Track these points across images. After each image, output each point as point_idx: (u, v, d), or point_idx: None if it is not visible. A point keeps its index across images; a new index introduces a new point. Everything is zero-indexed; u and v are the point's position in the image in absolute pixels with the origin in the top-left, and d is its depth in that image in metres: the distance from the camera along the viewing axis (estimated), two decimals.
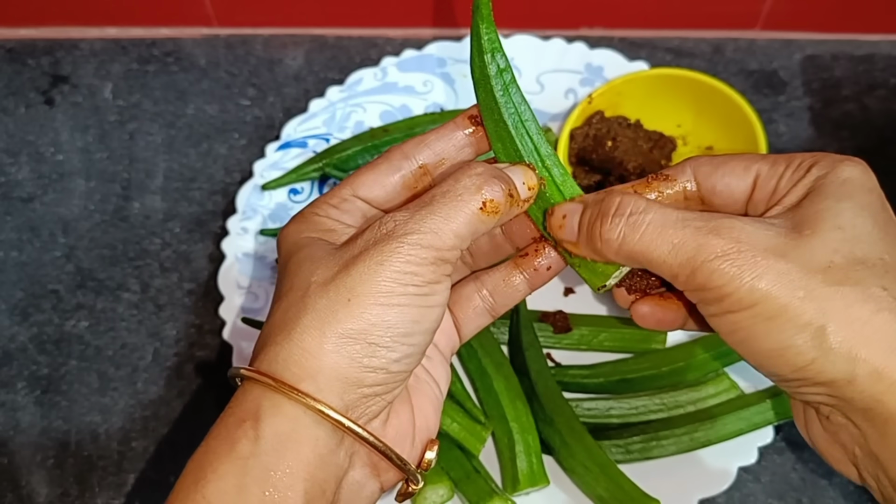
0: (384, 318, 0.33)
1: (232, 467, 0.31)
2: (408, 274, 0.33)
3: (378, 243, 0.33)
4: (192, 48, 0.66)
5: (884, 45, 0.65)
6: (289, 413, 0.32)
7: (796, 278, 0.32)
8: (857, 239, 0.32)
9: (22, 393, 0.54)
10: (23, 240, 0.59)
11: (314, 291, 0.33)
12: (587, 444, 0.47)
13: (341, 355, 0.32)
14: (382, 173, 0.37)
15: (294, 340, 0.32)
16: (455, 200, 0.34)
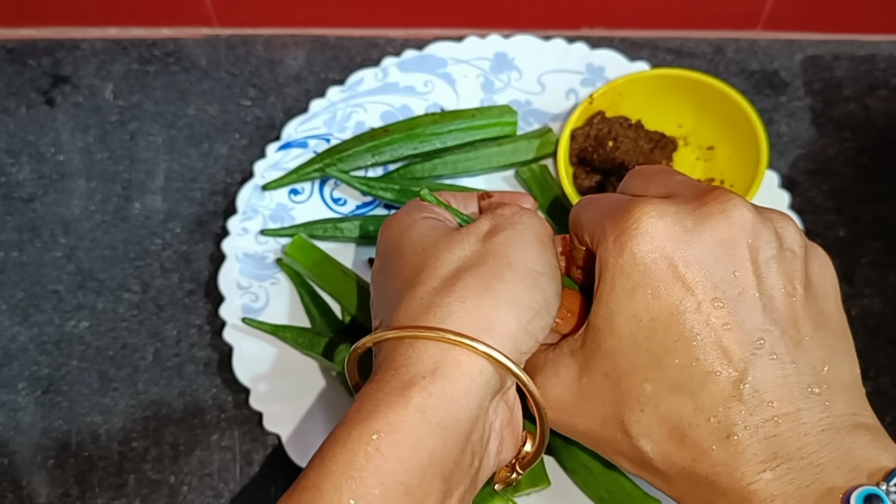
0: (537, 284, 0.35)
1: (409, 421, 0.31)
2: (544, 244, 0.36)
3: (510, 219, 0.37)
4: (192, 48, 0.66)
5: (885, 45, 0.65)
6: (466, 367, 0.32)
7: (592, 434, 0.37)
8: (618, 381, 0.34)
9: (22, 393, 0.54)
10: (23, 240, 0.59)
11: (471, 258, 0.35)
12: None
13: (510, 315, 0.33)
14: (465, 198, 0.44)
15: (466, 299, 0.33)
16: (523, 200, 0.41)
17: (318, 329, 0.53)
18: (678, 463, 0.32)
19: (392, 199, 0.56)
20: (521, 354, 0.34)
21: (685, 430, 0.32)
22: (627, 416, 0.33)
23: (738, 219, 0.32)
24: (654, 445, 0.33)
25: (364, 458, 0.30)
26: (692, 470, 0.32)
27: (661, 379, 0.32)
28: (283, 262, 0.55)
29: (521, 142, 0.58)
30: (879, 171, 0.60)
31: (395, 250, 0.38)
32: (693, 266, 0.32)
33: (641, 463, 0.34)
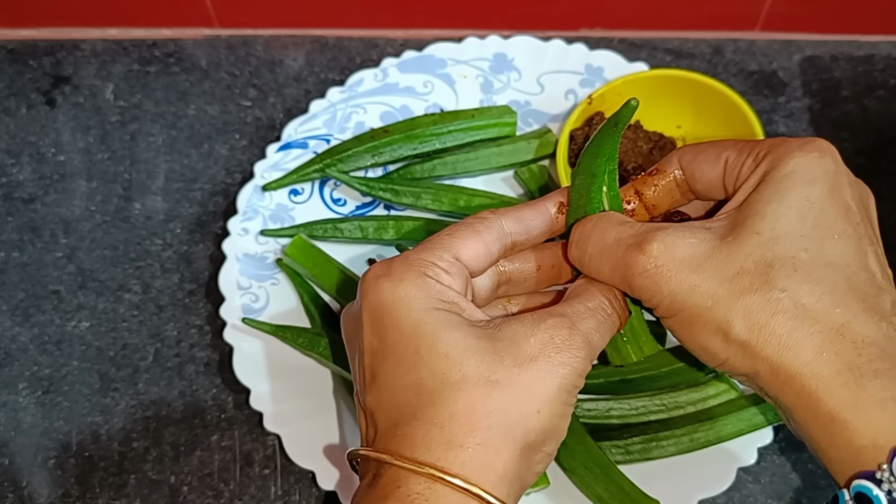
0: (559, 428, 0.35)
1: None
2: (576, 387, 0.35)
3: (560, 350, 0.34)
4: (193, 49, 0.66)
5: (883, 45, 0.65)
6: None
7: (706, 289, 0.35)
8: (773, 241, 0.35)
9: (23, 394, 0.54)
10: (24, 240, 0.59)
11: (499, 394, 0.33)
12: (587, 445, 0.47)
13: (523, 462, 0.33)
14: (486, 244, 0.39)
15: (491, 446, 0.32)
16: (606, 317, 0.37)
17: (318, 329, 0.53)
18: (821, 322, 0.33)
19: (392, 199, 0.56)
20: (522, 492, 0.35)
21: (838, 300, 0.34)
22: (776, 271, 0.34)
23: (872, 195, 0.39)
24: (798, 299, 0.34)
25: None
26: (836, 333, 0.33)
27: (819, 253, 0.35)
28: (283, 262, 0.55)
29: (520, 142, 0.58)
30: (878, 172, 0.60)
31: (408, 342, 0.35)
32: (852, 189, 0.37)
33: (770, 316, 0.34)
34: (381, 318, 0.36)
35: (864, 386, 0.32)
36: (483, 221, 0.39)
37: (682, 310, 0.35)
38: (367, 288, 0.37)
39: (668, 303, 0.36)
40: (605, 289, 0.38)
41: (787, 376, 0.34)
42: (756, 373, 0.35)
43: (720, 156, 0.39)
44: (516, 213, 0.40)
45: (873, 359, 0.33)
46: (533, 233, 0.40)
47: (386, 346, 0.35)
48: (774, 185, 0.36)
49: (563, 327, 0.35)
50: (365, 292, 0.37)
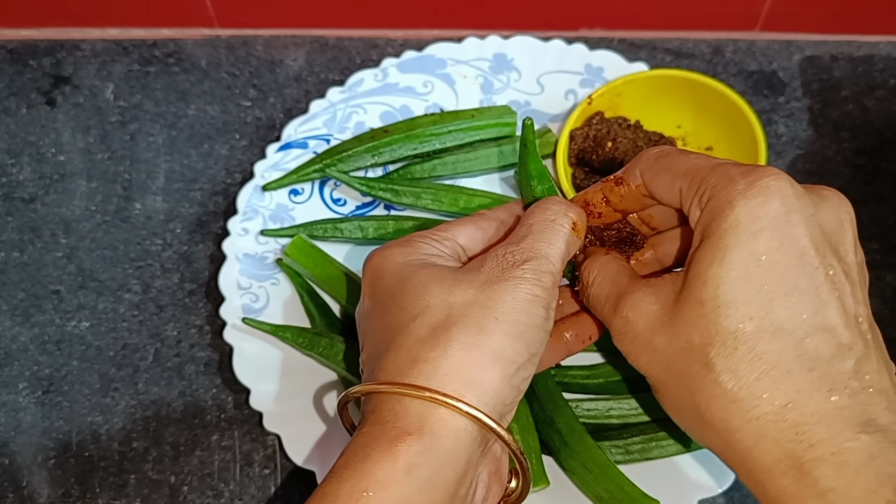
0: (526, 335, 0.35)
1: (397, 479, 0.32)
2: (537, 297, 0.36)
3: (506, 270, 0.36)
4: (193, 49, 0.66)
5: (883, 45, 0.65)
6: (451, 426, 0.33)
7: (660, 361, 0.36)
8: (715, 312, 0.34)
9: (23, 393, 0.54)
10: (24, 240, 0.59)
11: (460, 310, 0.35)
12: (587, 445, 0.47)
13: (494, 371, 0.34)
14: (483, 230, 0.42)
15: (451, 355, 0.34)
16: (551, 226, 0.39)
17: (318, 329, 0.53)
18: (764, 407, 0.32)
19: (392, 199, 0.56)
20: (505, 406, 0.35)
21: (781, 376, 0.32)
22: (715, 350, 0.33)
23: (846, 204, 0.36)
24: (736, 382, 0.33)
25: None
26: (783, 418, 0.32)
27: (766, 320, 0.33)
28: (283, 262, 0.55)
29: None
30: (877, 172, 0.60)
31: (387, 291, 0.38)
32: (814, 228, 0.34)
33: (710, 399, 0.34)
34: (372, 280, 0.39)
35: (802, 477, 0.31)
36: (483, 214, 0.43)
37: (647, 375, 0.38)
38: (365, 262, 0.41)
39: (636, 365, 0.38)
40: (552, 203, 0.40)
41: (734, 462, 0.34)
42: (717, 451, 0.35)
43: (674, 184, 0.37)
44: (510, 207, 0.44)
45: (815, 443, 0.31)
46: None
47: (374, 304, 0.39)
48: (715, 242, 0.34)
49: (510, 251, 0.37)
50: (364, 266, 0.41)
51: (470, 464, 0.34)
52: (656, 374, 0.36)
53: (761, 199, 0.33)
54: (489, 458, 0.37)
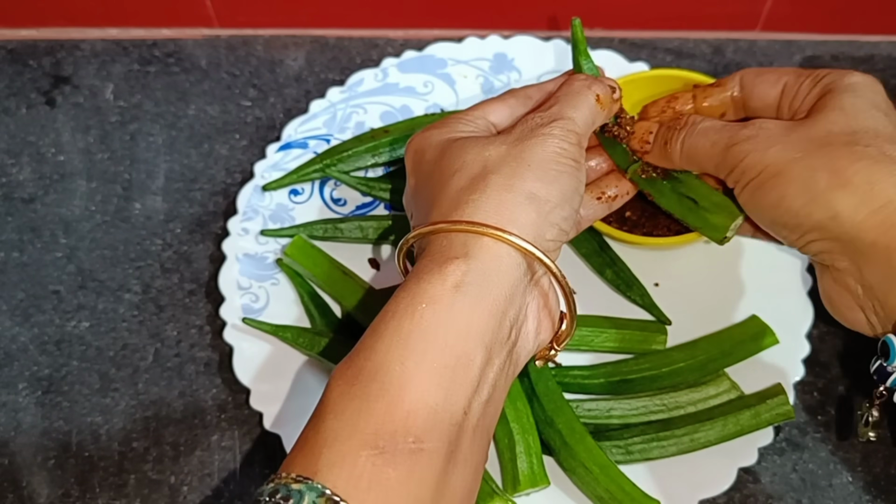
0: (558, 180, 0.39)
1: (447, 295, 0.36)
2: (564, 150, 0.40)
3: (535, 129, 0.41)
4: (193, 49, 0.66)
5: (884, 45, 0.65)
6: (494, 251, 0.37)
7: (797, 146, 0.41)
8: (854, 116, 0.41)
9: (23, 394, 0.54)
10: (24, 240, 0.59)
11: (495, 161, 0.39)
12: (587, 445, 0.47)
13: (530, 208, 0.38)
14: (511, 106, 0.45)
15: (490, 196, 0.38)
16: (576, 96, 0.44)
17: (318, 329, 0.53)
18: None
19: (392, 199, 0.56)
20: (547, 241, 0.39)
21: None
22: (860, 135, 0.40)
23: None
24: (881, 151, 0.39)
25: (410, 324, 0.35)
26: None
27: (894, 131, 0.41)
28: (283, 262, 0.55)
29: None
30: None
31: (429, 164, 0.42)
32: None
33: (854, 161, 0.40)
34: (414, 160, 0.44)
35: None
36: (512, 92, 0.46)
37: (771, 164, 0.41)
38: (407, 147, 0.45)
39: (759, 160, 0.42)
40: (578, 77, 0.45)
41: (870, 211, 0.38)
42: (834, 215, 0.39)
43: (779, 79, 0.46)
44: (540, 86, 0.47)
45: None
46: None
47: (419, 178, 0.43)
48: (843, 87, 0.42)
49: (534, 115, 0.42)
50: (406, 151, 0.45)
51: (516, 289, 0.37)
52: (790, 156, 0.41)
53: (872, 79, 0.44)
54: (537, 291, 0.40)
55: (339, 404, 0.34)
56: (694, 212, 0.48)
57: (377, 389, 0.33)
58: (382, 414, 0.33)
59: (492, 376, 0.36)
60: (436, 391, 0.34)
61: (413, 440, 0.33)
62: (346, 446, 0.32)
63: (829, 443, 0.51)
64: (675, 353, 0.51)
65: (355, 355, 0.35)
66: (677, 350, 0.51)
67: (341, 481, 0.32)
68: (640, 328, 0.52)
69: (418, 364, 0.34)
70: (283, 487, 0.32)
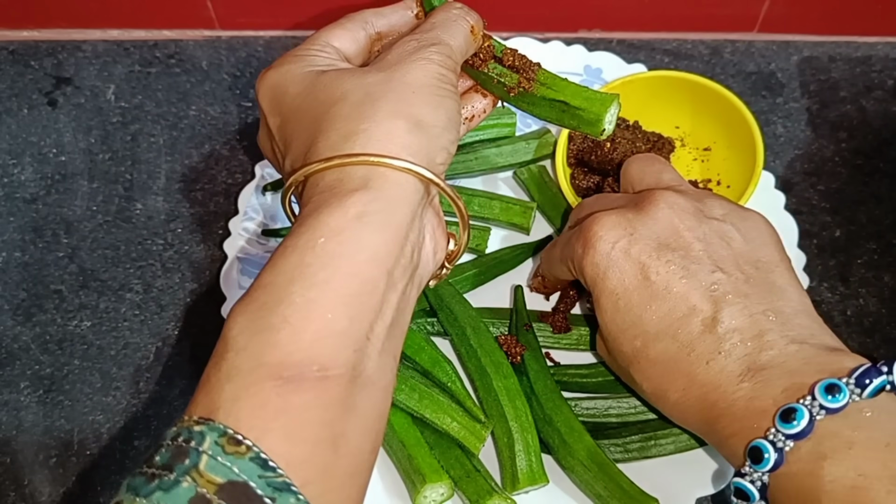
0: (442, 104, 0.39)
1: (349, 225, 0.35)
2: (444, 75, 0.40)
3: (414, 53, 0.40)
4: (194, 50, 0.66)
5: (881, 46, 0.66)
6: (394, 180, 0.37)
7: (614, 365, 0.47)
8: (615, 345, 0.44)
9: (25, 392, 0.54)
10: (26, 240, 0.59)
11: (378, 88, 0.38)
12: (586, 443, 0.48)
13: (420, 134, 0.38)
14: (351, 30, 0.44)
15: (380, 124, 0.37)
16: (453, 23, 0.44)
17: None
18: (675, 394, 0.41)
19: None
20: (437, 165, 0.39)
21: (673, 367, 0.41)
22: (632, 369, 0.43)
23: (665, 203, 0.44)
24: (650, 384, 0.43)
25: (311, 255, 0.34)
26: (689, 396, 0.41)
27: (645, 332, 0.42)
28: None
29: (519, 143, 0.59)
30: (875, 172, 0.60)
31: (297, 98, 0.40)
32: (640, 243, 0.43)
33: (643, 395, 0.44)
34: (274, 96, 0.41)
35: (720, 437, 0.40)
36: (349, 16, 0.46)
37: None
38: (258, 86, 0.42)
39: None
40: (454, 6, 0.45)
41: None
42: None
43: (562, 271, 0.48)
44: (377, 10, 0.46)
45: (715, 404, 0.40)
46: (396, 26, 0.46)
47: (285, 114, 0.41)
48: (594, 294, 0.44)
49: (410, 39, 0.42)
50: (258, 91, 0.42)
51: (415, 213, 0.37)
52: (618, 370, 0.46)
53: (591, 252, 0.44)
54: (431, 211, 0.41)
55: (239, 340, 0.33)
56: (568, 113, 0.45)
57: (280, 321, 0.33)
58: (286, 345, 0.33)
59: (394, 299, 0.36)
60: (340, 319, 0.34)
61: (318, 368, 0.33)
62: (248, 379, 0.32)
63: None
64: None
65: (254, 290, 0.34)
66: None
67: (244, 413, 0.31)
68: None
69: (322, 294, 0.34)
70: (185, 430, 0.31)
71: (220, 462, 0.30)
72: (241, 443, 0.30)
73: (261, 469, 0.30)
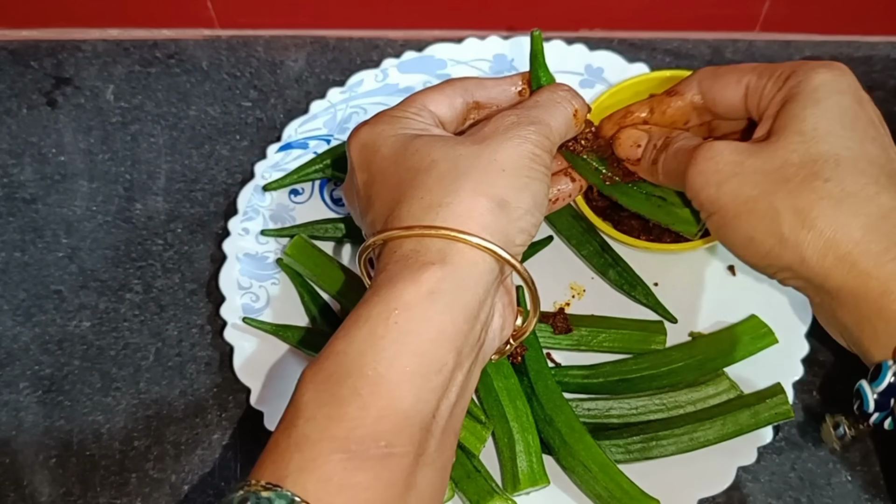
0: (529, 187, 0.39)
1: (421, 302, 0.35)
2: (538, 156, 0.40)
3: (510, 129, 0.40)
4: (194, 50, 0.66)
5: (882, 46, 0.66)
6: (470, 258, 0.37)
7: (753, 181, 0.39)
8: (815, 140, 0.38)
9: (25, 393, 0.54)
10: (26, 241, 0.59)
11: (467, 162, 0.38)
12: (587, 444, 0.48)
13: (502, 214, 0.38)
14: (449, 96, 0.44)
15: (464, 200, 0.37)
16: (556, 105, 0.43)
17: (318, 329, 0.53)
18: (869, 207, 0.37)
19: None
20: (515, 246, 0.39)
21: (882, 187, 0.37)
22: (820, 165, 0.38)
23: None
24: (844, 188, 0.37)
25: (384, 328, 0.35)
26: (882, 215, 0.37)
27: (860, 152, 0.38)
28: (283, 262, 0.55)
29: None
30: None
31: (387, 160, 0.40)
32: (875, 112, 0.41)
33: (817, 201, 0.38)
34: (365, 154, 0.41)
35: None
36: (450, 82, 0.45)
37: (729, 202, 0.39)
38: (351, 140, 0.43)
39: (714, 197, 0.40)
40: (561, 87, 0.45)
41: (836, 257, 0.37)
42: (802, 260, 0.37)
43: (740, 81, 0.43)
44: (479, 81, 0.46)
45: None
46: (496, 100, 0.46)
47: (373, 174, 0.41)
48: (807, 94, 0.40)
49: (510, 114, 0.41)
50: (350, 145, 0.42)
51: (488, 292, 0.38)
52: (745, 193, 0.39)
53: (839, 72, 0.40)
54: (502, 290, 0.41)
55: (309, 408, 0.34)
56: (663, 209, 0.47)
57: (349, 394, 0.33)
58: (353, 418, 0.33)
59: (460, 378, 0.37)
60: (407, 396, 0.34)
61: (384, 444, 0.33)
62: (316, 450, 0.32)
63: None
64: (674, 353, 0.51)
65: (325, 359, 0.35)
66: (676, 350, 0.52)
67: (311, 485, 0.32)
68: (639, 328, 0.52)
69: (390, 369, 0.34)
70: (253, 495, 0.32)
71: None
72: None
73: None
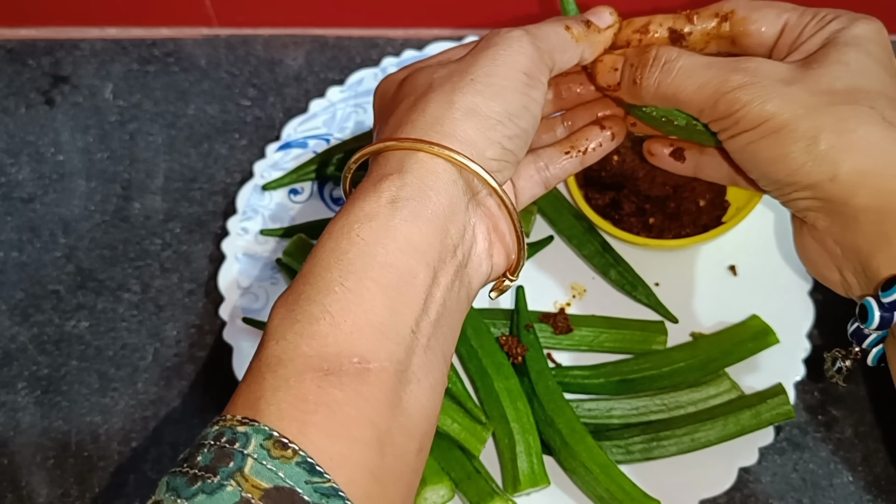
0: (501, 94, 0.37)
1: (382, 211, 0.34)
2: (516, 62, 0.38)
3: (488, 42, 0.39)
4: (192, 48, 0.66)
5: None
6: (429, 166, 0.35)
7: (799, 99, 0.38)
8: (859, 73, 0.38)
9: (22, 393, 0.54)
10: (23, 240, 0.59)
11: (440, 78, 0.38)
12: (588, 445, 0.47)
13: (468, 123, 0.36)
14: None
15: (427, 113, 0.36)
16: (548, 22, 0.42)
17: None
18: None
19: None
20: (488, 160, 0.37)
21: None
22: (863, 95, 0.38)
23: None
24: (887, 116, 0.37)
25: (347, 243, 0.34)
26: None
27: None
28: (282, 262, 0.55)
29: None
30: None
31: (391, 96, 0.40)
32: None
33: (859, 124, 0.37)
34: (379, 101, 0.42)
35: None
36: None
37: (770, 118, 0.38)
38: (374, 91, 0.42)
39: (757, 112, 0.38)
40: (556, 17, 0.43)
41: (870, 175, 0.37)
42: (833, 177, 0.37)
43: (780, 16, 0.42)
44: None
45: None
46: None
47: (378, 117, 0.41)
48: (850, 38, 0.39)
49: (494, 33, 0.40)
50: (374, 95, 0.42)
51: (456, 206, 0.36)
52: (790, 111, 0.38)
53: (880, 25, 0.40)
54: (482, 211, 0.38)
55: (279, 330, 0.33)
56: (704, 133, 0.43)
57: (318, 311, 0.32)
58: (325, 335, 0.32)
59: (439, 295, 0.35)
60: (379, 309, 0.33)
61: (358, 360, 0.32)
62: (289, 370, 0.32)
63: (829, 442, 0.51)
64: (675, 353, 0.51)
65: (296, 282, 0.34)
66: (677, 350, 0.51)
67: (286, 405, 0.31)
68: (640, 328, 0.52)
69: (359, 283, 0.33)
70: (229, 430, 0.31)
71: (265, 466, 0.29)
72: (288, 447, 0.30)
73: (308, 474, 0.29)
